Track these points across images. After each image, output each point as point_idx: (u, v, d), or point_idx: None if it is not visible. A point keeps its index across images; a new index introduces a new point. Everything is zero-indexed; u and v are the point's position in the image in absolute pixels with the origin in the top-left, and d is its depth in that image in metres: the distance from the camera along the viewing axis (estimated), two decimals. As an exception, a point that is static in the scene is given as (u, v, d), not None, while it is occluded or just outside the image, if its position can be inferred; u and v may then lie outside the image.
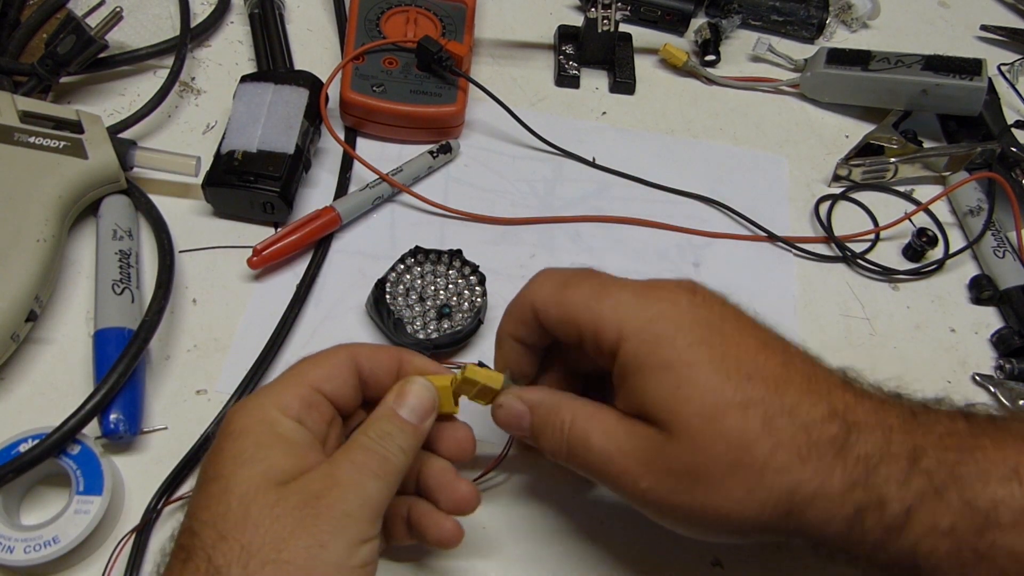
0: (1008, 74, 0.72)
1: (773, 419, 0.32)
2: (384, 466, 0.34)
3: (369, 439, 0.35)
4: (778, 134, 0.65)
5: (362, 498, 0.33)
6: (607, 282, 0.37)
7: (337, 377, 0.37)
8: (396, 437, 0.35)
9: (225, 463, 0.33)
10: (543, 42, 0.68)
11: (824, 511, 0.32)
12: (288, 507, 0.32)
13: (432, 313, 0.48)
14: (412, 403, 0.36)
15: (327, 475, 0.33)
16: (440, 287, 0.49)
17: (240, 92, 0.55)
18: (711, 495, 0.33)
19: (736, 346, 0.34)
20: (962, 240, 0.61)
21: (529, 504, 0.45)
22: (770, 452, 0.32)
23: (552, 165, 0.60)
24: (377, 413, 0.36)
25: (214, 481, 0.33)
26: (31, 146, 0.49)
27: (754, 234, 0.59)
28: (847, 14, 0.74)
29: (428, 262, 0.50)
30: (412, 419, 0.36)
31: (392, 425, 0.36)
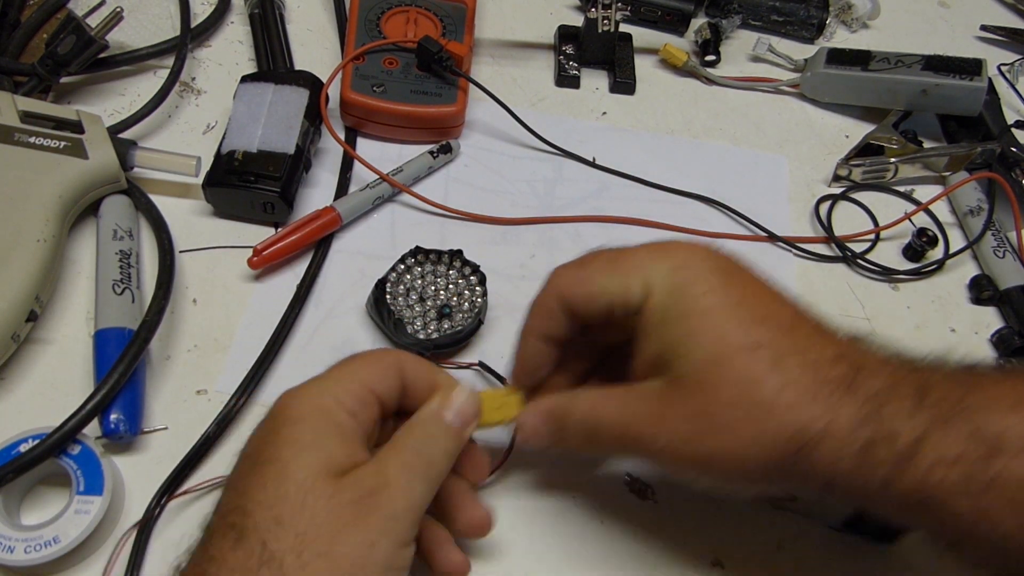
0: (1008, 74, 0.72)
1: (782, 359, 0.33)
2: (429, 470, 0.35)
3: (416, 440, 0.35)
4: (778, 134, 0.65)
5: (409, 500, 0.33)
6: (621, 250, 0.38)
7: (387, 380, 0.37)
8: (440, 441, 0.36)
9: (282, 447, 0.33)
10: (543, 42, 0.68)
11: (834, 448, 0.32)
12: (343, 501, 0.32)
13: (432, 313, 0.48)
14: (457, 407, 0.37)
15: (378, 473, 0.33)
16: (440, 287, 0.49)
17: (240, 92, 0.55)
18: (723, 439, 0.33)
19: (750, 294, 0.35)
20: (962, 240, 0.61)
21: (529, 504, 0.45)
22: (779, 390, 0.32)
23: (552, 165, 0.60)
24: (422, 416, 0.36)
25: (270, 464, 0.33)
26: (31, 146, 0.49)
27: (754, 234, 0.59)
28: (847, 14, 0.74)
29: (428, 262, 0.50)
30: (456, 423, 0.36)
31: (437, 428, 0.36)
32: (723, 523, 0.45)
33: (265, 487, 0.32)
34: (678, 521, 0.45)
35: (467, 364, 0.48)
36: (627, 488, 0.46)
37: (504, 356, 0.49)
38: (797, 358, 0.33)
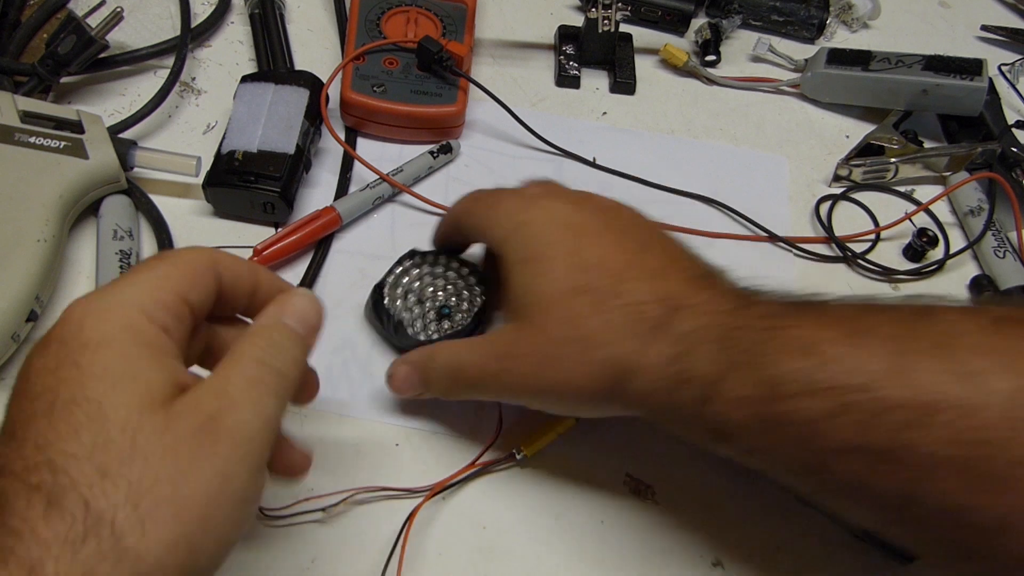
0: (1009, 74, 0.72)
1: (603, 302, 0.37)
2: (280, 382, 0.31)
3: (260, 350, 0.31)
4: (778, 134, 0.65)
5: (263, 418, 0.29)
6: (505, 194, 0.43)
7: (202, 286, 0.32)
8: (289, 349, 0.32)
9: (89, 382, 0.27)
10: (543, 42, 0.68)
11: (646, 382, 0.37)
12: (182, 432, 0.27)
13: (432, 315, 0.48)
14: (298, 312, 0.33)
15: (220, 393, 0.29)
16: (439, 288, 0.49)
17: (240, 92, 0.55)
18: (558, 370, 0.38)
19: (589, 244, 0.39)
20: (963, 240, 0.61)
21: (528, 504, 0.45)
22: (597, 329, 0.37)
23: (552, 165, 0.60)
24: (262, 323, 0.33)
25: (76, 404, 0.26)
26: (31, 146, 0.49)
27: (754, 234, 0.59)
28: (847, 14, 0.74)
29: (426, 264, 0.49)
30: (300, 330, 0.33)
31: (283, 336, 0.32)
32: (723, 523, 0.45)
33: (78, 434, 0.26)
34: (678, 521, 0.45)
35: None
36: (627, 488, 0.46)
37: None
38: (616, 301, 0.37)
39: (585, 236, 0.40)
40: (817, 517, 0.46)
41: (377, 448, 0.45)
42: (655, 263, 0.39)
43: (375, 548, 0.42)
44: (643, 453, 0.47)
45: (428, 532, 0.43)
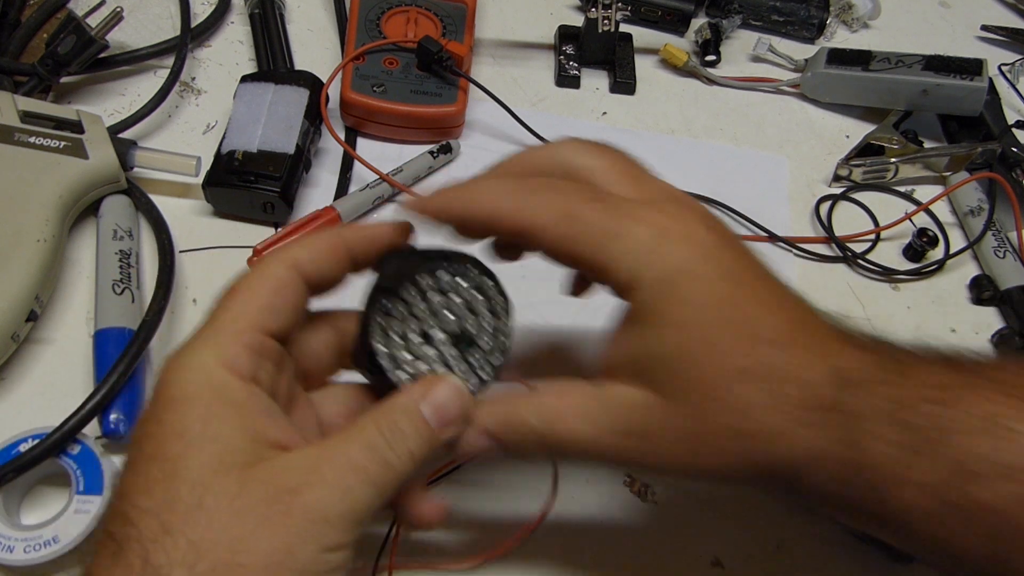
0: (1009, 74, 0.72)
1: (778, 390, 0.31)
2: (385, 473, 0.29)
3: (377, 433, 0.29)
4: (778, 134, 0.65)
5: (347, 505, 0.28)
6: (617, 212, 0.32)
7: (283, 306, 0.31)
8: (410, 439, 0.30)
9: (169, 441, 0.27)
10: (543, 42, 0.68)
11: (821, 474, 0.32)
12: (253, 500, 0.26)
13: (450, 348, 0.34)
14: (439, 402, 0.31)
15: (311, 469, 0.28)
16: (441, 305, 0.34)
17: (240, 92, 0.55)
18: (713, 461, 0.32)
19: (749, 301, 0.32)
20: (963, 240, 0.61)
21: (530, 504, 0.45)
22: (771, 424, 0.31)
23: (552, 165, 0.60)
24: (395, 403, 0.30)
25: (155, 462, 0.27)
26: (31, 146, 0.49)
27: (754, 234, 0.59)
28: (847, 14, 0.74)
29: (410, 277, 0.34)
30: (434, 422, 0.30)
31: (409, 423, 0.30)
32: (723, 523, 0.45)
33: (151, 491, 0.27)
34: (678, 521, 0.45)
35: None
36: (627, 488, 0.46)
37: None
38: (791, 387, 0.31)
39: (741, 286, 0.32)
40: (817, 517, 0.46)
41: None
42: (804, 320, 0.33)
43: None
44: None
45: (427, 532, 0.43)
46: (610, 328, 0.34)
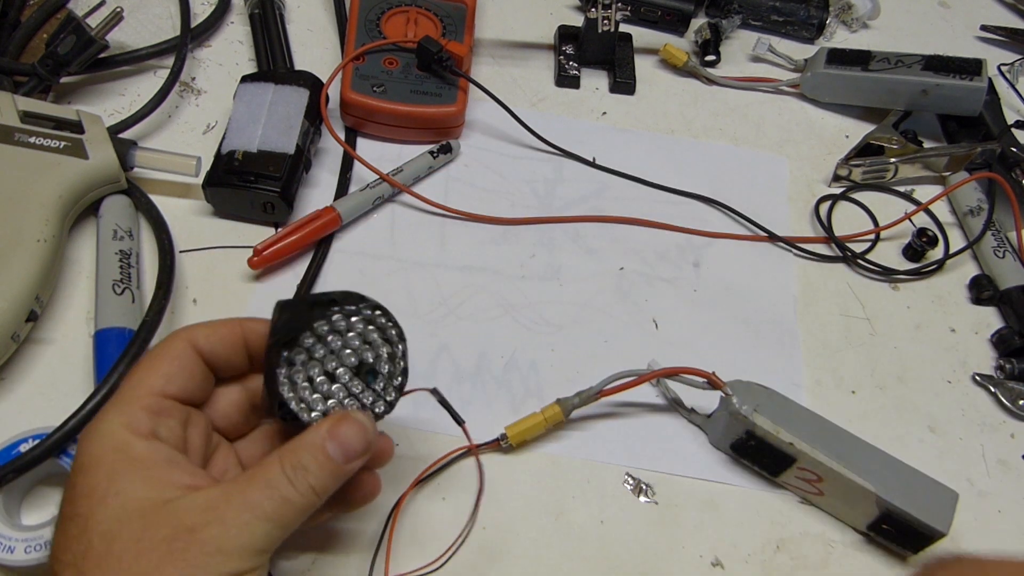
0: (1008, 74, 0.72)
1: None
2: (283, 509, 0.31)
3: (279, 472, 0.31)
4: (778, 134, 0.65)
5: (245, 540, 0.30)
6: None
7: (179, 374, 0.34)
8: (312, 474, 0.32)
9: (80, 501, 0.31)
10: (543, 42, 0.68)
11: None
12: (156, 540, 0.29)
13: (354, 380, 0.35)
14: (344, 438, 0.33)
15: (209, 508, 0.30)
16: (339, 345, 0.35)
17: (240, 92, 0.55)
18: None
19: None
20: (962, 240, 0.61)
21: (528, 504, 0.45)
22: None
23: (552, 165, 0.60)
24: (301, 441, 0.32)
25: (72, 521, 0.31)
26: (31, 146, 0.49)
27: (754, 234, 0.59)
28: (847, 14, 0.74)
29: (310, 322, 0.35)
30: (338, 457, 0.32)
31: (313, 460, 0.32)
32: (723, 523, 0.45)
33: (69, 546, 0.30)
34: (678, 521, 0.45)
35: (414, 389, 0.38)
36: (627, 488, 0.46)
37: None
38: None
39: None
40: (817, 517, 0.46)
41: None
42: None
43: (373, 544, 0.42)
44: (643, 453, 0.47)
45: (428, 531, 0.43)
46: None
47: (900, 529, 0.43)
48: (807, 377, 0.52)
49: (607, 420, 0.48)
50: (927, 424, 0.51)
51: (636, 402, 0.49)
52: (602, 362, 0.50)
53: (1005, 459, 0.51)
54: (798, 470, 0.45)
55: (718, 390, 0.45)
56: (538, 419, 0.45)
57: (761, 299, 0.55)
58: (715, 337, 0.53)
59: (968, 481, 0.49)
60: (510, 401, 0.48)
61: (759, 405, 0.44)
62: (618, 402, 0.49)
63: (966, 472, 0.50)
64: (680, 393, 0.49)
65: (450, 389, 0.48)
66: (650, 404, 0.49)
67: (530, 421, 0.46)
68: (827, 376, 0.52)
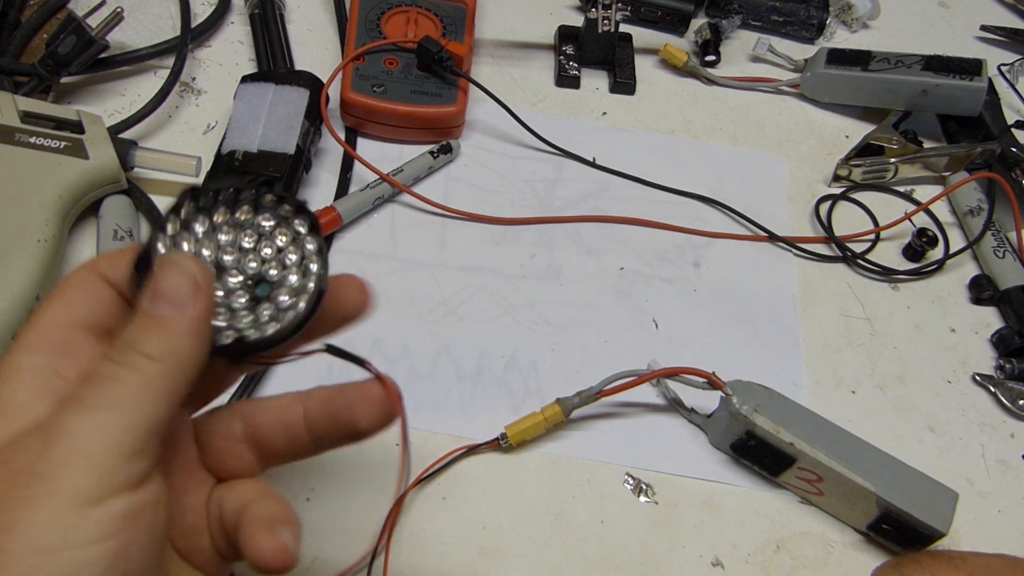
0: (1008, 74, 0.72)
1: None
2: (122, 391, 0.24)
3: (104, 363, 0.24)
4: (778, 134, 0.65)
5: (83, 444, 0.23)
6: None
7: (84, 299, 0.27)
8: (141, 342, 0.24)
9: None
10: (543, 42, 0.68)
11: None
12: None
13: (240, 293, 0.29)
14: (164, 288, 0.25)
15: (34, 434, 0.23)
16: (247, 246, 0.29)
17: (240, 92, 0.55)
18: None
19: None
20: (962, 240, 0.61)
21: (528, 504, 0.45)
22: None
23: (552, 165, 0.60)
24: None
25: None
26: (32, 146, 0.49)
27: (754, 234, 0.59)
28: (847, 14, 0.74)
29: (222, 207, 0.29)
30: (166, 309, 0.25)
31: (136, 329, 0.25)
32: (723, 523, 0.45)
33: None
34: (678, 521, 0.45)
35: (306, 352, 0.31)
36: (627, 488, 0.46)
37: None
38: None
39: None
40: (817, 517, 0.46)
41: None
42: None
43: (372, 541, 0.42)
44: (643, 453, 0.47)
45: (429, 531, 0.43)
46: None
47: (900, 529, 0.43)
48: (807, 377, 0.52)
49: (607, 420, 0.48)
50: (927, 424, 0.51)
51: (636, 402, 0.49)
52: (602, 362, 0.50)
53: (1005, 459, 0.51)
54: (798, 470, 0.45)
55: (718, 390, 0.45)
56: (538, 419, 0.46)
57: (761, 299, 0.55)
58: (715, 337, 0.53)
59: (968, 481, 0.49)
60: (510, 401, 0.48)
61: (759, 405, 0.45)
62: (618, 402, 0.49)
63: (966, 472, 0.50)
64: (680, 393, 0.49)
65: (450, 389, 0.48)
66: (650, 404, 0.49)
67: (530, 421, 0.46)
68: (827, 376, 0.52)
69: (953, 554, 0.39)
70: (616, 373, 0.46)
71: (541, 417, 0.45)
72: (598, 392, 0.46)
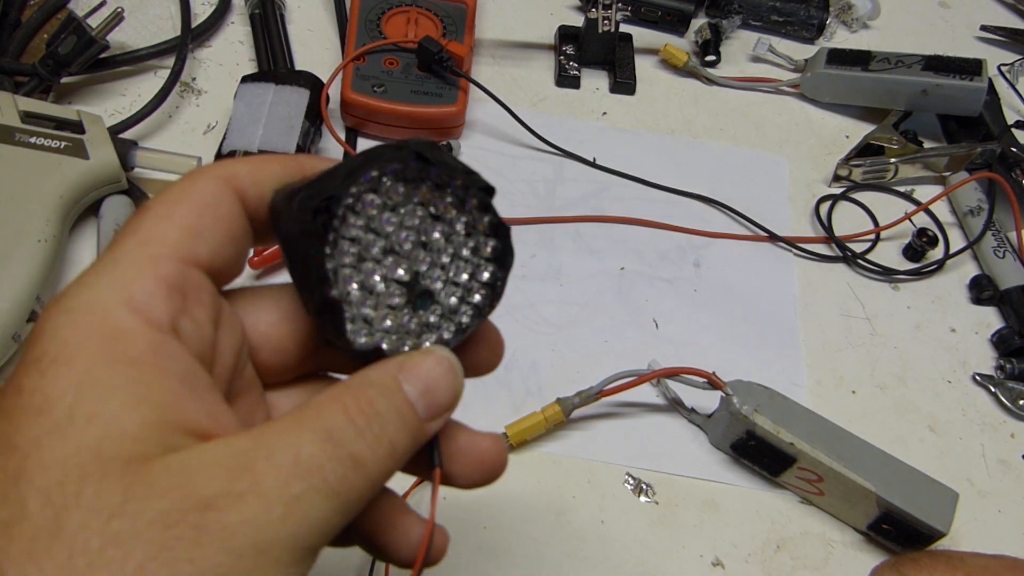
0: (1008, 74, 0.72)
1: None
2: (354, 477, 0.19)
3: (343, 416, 0.20)
4: (778, 134, 0.65)
5: (294, 528, 0.18)
6: None
7: (213, 228, 0.21)
8: (391, 425, 0.20)
9: (24, 420, 0.18)
10: (543, 42, 0.68)
11: None
12: (144, 519, 0.17)
13: (399, 295, 0.24)
14: (426, 382, 0.21)
15: (240, 469, 0.18)
16: (422, 241, 0.24)
17: (241, 92, 0.55)
18: None
19: None
20: (962, 240, 0.61)
21: (528, 504, 0.45)
22: None
23: (552, 165, 0.60)
24: (370, 377, 0.21)
25: (5, 455, 0.17)
26: (32, 146, 0.49)
27: (754, 234, 0.59)
28: (847, 14, 0.74)
29: (423, 187, 0.24)
30: (420, 407, 0.21)
31: (390, 408, 0.20)
32: (723, 523, 0.45)
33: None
34: (678, 521, 0.45)
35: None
36: (627, 488, 0.46)
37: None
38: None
39: None
40: (817, 517, 0.46)
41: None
42: None
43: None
44: (643, 453, 0.47)
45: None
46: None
47: (900, 529, 0.43)
48: (807, 377, 0.52)
49: (607, 420, 0.48)
50: (927, 424, 0.51)
51: (636, 402, 0.49)
52: (602, 362, 0.50)
53: (1005, 459, 0.51)
54: (798, 470, 0.45)
55: (718, 390, 0.45)
56: (538, 419, 0.46)
57: (761, 299, 0.55)
58: (715, 337, 0.53)
59: (968, 481, 0.49)
60: (510, 401, 0.48)
61: (759, 405, 0.45)
62: (618, 402, 0.49)
63: (966, 472, 0.50)
64: (680, 393, 0.49)
65: (450, 389, 0.48)
66: (650, 404, 0.49)
67: (530, 421, 0.46)
68: (827, 376, 0.52)
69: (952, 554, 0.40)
70: (616, 373, 0.46)
71: (541, 417, 0.45)
72: (598, 392, 0.46)
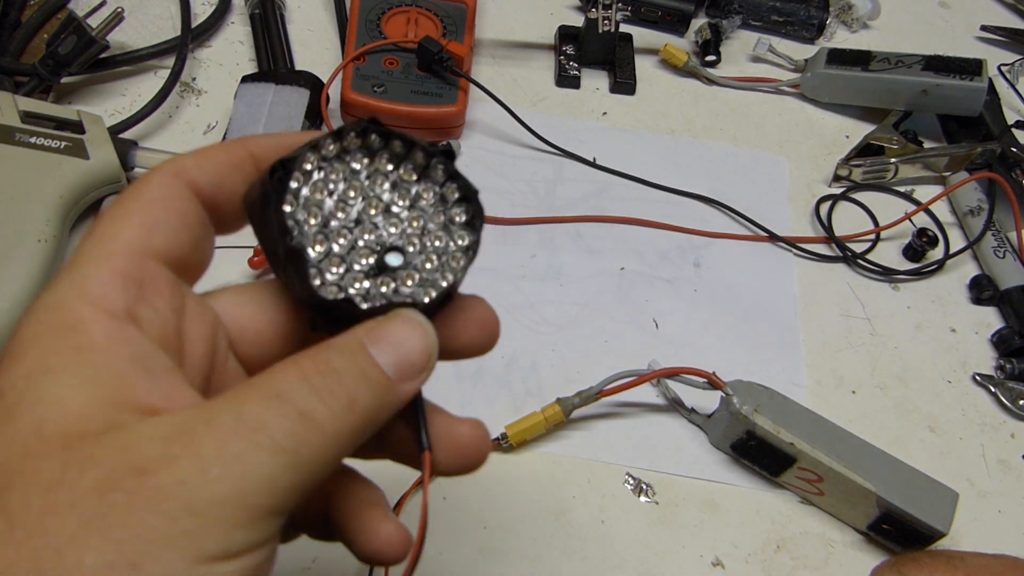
0: (1008, 74, 0.72)
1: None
2: (304, 433, 0.19)
3: (294, 378, 0.20)
4: (778, 134, 0.65)
5: (236, 485, 0.18)
6: None
7: (167, 220, 0.22)
8: (349, 379, 0.20)
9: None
10: (544, 42, 0.68)
11: None
12: (80, 489, 0.17)
13: (364, 256, 0.24)
14: (392, 341, 0.21)
15: (177, 435, 0.18)
16: (394, 209, 0.26)
17: (241, 92, 0.55)
18: None
19: None
20: (962, 240, 0.61)
21: (530, 503, 0.45)
22: None
23: (553, 165, 0.60)
24: (332, 342, 0.21)
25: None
26: (32, 146, 0.49)
27: (754, 234, 0.59)
28: (847, 14, 0.74)
29: (383, 154, 0.26)
30: (389, 367, 0.21)
31: (348, 361, 0.20)
32: (723, 523, 0.45)
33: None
34: (678, 521, 0.45)
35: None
36: (627, 488, 0.46)
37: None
38: None
39: None
40: (817, 517, 0.46)
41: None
42: None
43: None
44: (643, 453, 0.47)
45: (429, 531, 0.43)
46: None
47: (900, 529, 0.43)
48: (807, 377, 0.52)
49: (607, 420, 0.48)
50: (927, 424, 0.51)
51: (636, 402, 0.49)
52: (602, 362, 0.50)
53: (1005, 459, 0.51)
54: (798, 470, 0.45)
55: (718, 390, 0.45)
56: (538, 419, 0.46)
57: (761, 299, 0.55)
58: (715, 337, 0.53)
59: (968, 481, 0.49)
60: (510, 401, 0.48)
61: (759, 405, 0.45)
62: (618, 402, 0.49)
63: (966, 472, 0.50)
64: (680, 393, 0.49)
65: (451, 389, 0.48)
66: (650, 404, 0.49)
67: (530, 421, 0.46)
68: (827, 376, 0.52)
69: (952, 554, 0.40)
70: (616, 373, 0.46)
71: (541, 417, 0.45)
72: (598, 392, 0.46)
